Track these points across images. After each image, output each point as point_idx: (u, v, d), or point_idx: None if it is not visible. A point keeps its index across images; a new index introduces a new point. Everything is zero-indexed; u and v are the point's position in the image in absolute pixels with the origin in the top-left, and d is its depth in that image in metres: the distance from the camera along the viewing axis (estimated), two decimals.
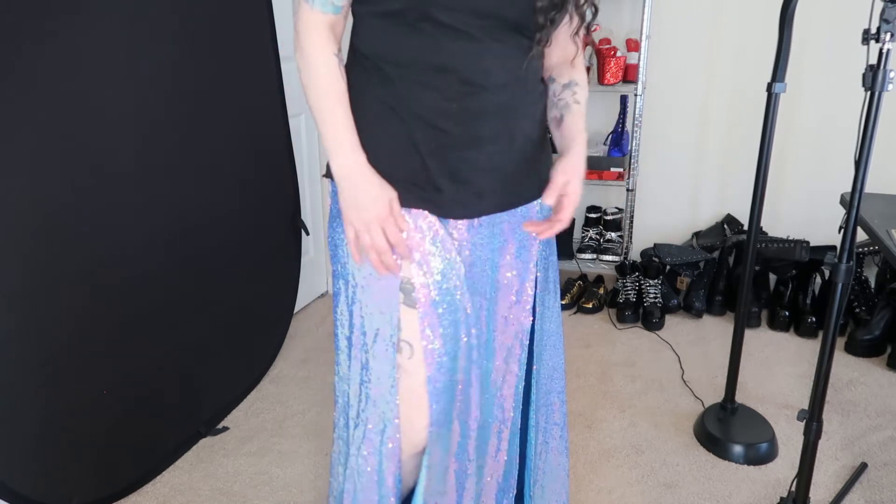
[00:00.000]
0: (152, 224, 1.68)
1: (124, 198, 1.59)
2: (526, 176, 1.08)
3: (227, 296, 2.01)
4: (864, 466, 1.75)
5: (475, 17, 0.93)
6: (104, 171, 1.53)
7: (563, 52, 1.10)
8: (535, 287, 1.16)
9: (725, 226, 2.81)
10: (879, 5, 1.16)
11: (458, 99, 0.97)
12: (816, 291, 2.60)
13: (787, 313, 2.52)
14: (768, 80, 1.65)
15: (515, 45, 0.98)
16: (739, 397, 2.01)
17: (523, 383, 1.20)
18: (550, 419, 1.25)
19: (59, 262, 1.45)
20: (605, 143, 2.85)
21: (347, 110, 0.99)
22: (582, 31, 1.05)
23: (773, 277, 2.75)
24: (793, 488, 1.48)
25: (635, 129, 2.68)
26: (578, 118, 1.08)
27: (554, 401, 1.25)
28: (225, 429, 1.97)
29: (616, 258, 2.86)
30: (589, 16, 1.03)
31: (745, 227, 2.76)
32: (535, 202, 1.12)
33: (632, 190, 2.77)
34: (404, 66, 0.97)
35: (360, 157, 0.99)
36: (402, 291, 1.04)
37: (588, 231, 2.98)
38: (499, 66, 0.98)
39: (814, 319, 2.46)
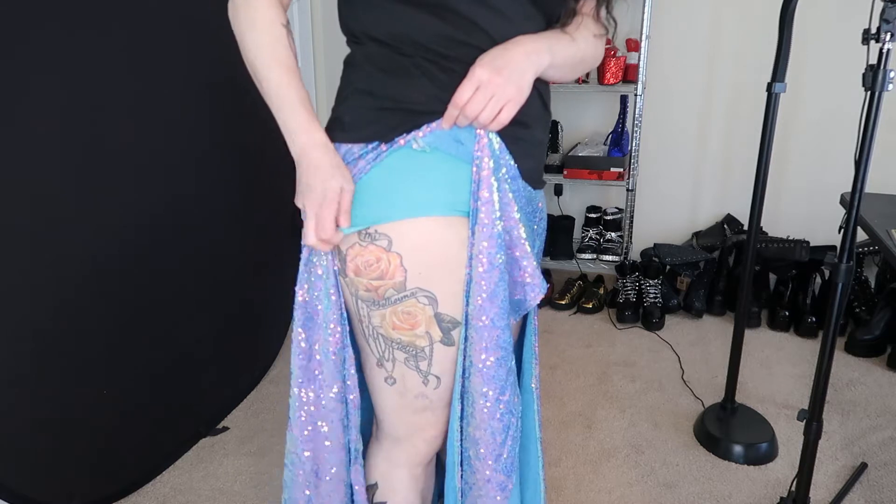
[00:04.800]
0: (152, 223, 1.68)
1: (124, 197, 1.60)
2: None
3: (227, 296, 2.01)
4: (864, 466, 1.75)
5: None
6: (103, 170, 1.53)
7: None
8: None
9: (725, 226, 2.81)
10: (879, 5, 1.16)
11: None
12: (816, 291, 2.60)
13: (787, 313, 2.52)
14: (768, 79, 1.65)
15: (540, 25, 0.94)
16: (739, 397, 2.01)
17: None
18: None
19: (59, 262, 1.45)
20: (605, 143, 2.85)
21: (301, 83, 0.94)
22: (603, 12, 0.99)
23: (773, 277, 2.75)
24: (793, 488, 1.48)
25: (635, 129, 2.68)
26: (548, 34, 0.93)
27: None
28: (225, 429, 1.97)
29: (616, 258, 2.86)
30: None
31: (745, 227, 2.76)
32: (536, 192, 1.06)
33: (632, 190, 2.77)
34: (425, 47, 0.89)
35: (321, 135, 0.96)
36: None
37: (588, 231, 2.98)
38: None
39: (814, 319, 2.46)
